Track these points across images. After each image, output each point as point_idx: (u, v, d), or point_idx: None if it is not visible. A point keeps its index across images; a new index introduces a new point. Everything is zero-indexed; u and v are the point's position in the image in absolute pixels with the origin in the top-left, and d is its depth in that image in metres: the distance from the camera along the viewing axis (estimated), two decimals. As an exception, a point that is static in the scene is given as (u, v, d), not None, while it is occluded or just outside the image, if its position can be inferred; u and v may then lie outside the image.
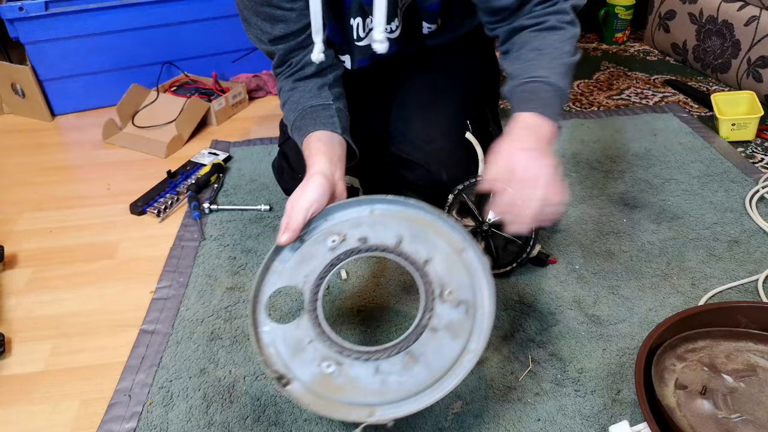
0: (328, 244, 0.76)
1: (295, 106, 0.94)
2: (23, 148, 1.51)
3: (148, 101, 1.57)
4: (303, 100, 0.94)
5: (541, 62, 0.82)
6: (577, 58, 0.84)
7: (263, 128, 1.54)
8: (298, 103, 0.94)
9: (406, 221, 0.77)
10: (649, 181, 1.24)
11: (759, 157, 1.32)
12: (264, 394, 0.81)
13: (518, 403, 0.78)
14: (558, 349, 0.86)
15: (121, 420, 0.78)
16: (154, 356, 0.88)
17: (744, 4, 1.55)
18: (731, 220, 1.11)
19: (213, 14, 1.65)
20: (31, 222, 1.21)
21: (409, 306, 0.95)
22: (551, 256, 1.02)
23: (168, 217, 1.20)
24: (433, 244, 0.74)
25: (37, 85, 1.58)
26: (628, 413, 0.76)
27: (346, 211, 0.80)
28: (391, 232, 0.76)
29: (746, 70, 1.56)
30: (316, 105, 0.93)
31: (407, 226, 0.76)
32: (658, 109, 1.55)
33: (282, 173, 1.14)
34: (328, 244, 0.76)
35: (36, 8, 1.49)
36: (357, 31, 0.98)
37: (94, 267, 1.08)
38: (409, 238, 0.75)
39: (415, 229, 0.76)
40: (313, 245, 0.77)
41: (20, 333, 0.94)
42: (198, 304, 0.97)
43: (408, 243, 0.74)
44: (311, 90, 0.95)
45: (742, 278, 0.97)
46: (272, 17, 0.91)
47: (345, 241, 0.76)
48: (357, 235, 0.76)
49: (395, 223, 0.77)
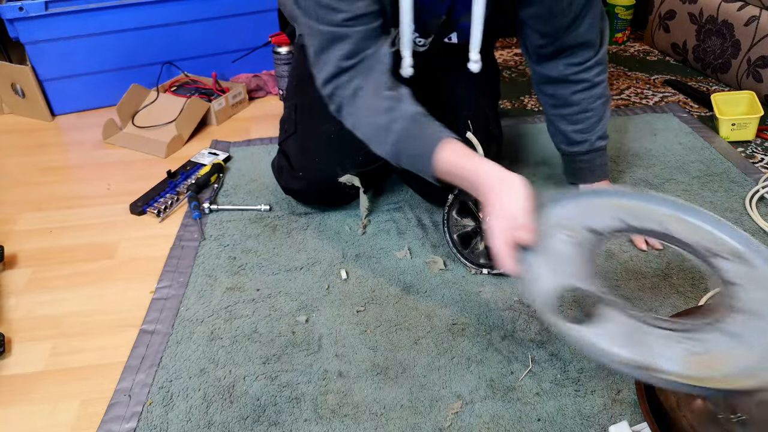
0: (565, 239, 0.70)
1: (397, 115, 0.85)
2: (23, 148, 1.50)
3: (148, 101, 1.57)
4: (404, 107, 0.86)
5: (589, 130, 1.05)
6: (610, 101, 1.08)
7: (263, 128, 1.54)
8: (403, 112, 0.85)
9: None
10: (649, 181, 1.24)
11: (759, 157, 1.32)
12: (264, 394, 0.81)
13: (518, 403, 0.78)
14: (558, 349, 0.86)
15: (121, 420, 0.78)
16: (154, 356, 0.88)
17: (744, 4, 1.55)
18: (731, 220, 1.11)
19: (213, 14, 1.65)
20: (31, 222, 1.21)
21: (409, 306, 0.95)
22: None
23: (168, 217, 1.20)
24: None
25: (37, 85, 1.58)
26: (628, 413, 0.76)
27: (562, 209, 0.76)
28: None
29: (746, 70, 1.56)
30: (421, 113, 0.86)
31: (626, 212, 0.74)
32: (658, 109, 1.55)
33: (281, 172, 1.14)
34: (565, 239, 0.70)
35: (36, 8, 1.49)
36: (392, 41, 0.98)
37: (94, 267, 1.08)
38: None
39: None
40: (554, 244, 0.71)
41: (20, 333, 0.94)
42: (198, 304, 0.97)
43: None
44: (408, 98, 0.87)
45: (742, 278, 0.97)
46: (337, 7, 0.82)
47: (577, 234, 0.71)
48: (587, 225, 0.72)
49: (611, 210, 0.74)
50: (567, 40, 0.98)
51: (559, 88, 1.04)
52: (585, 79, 1.01)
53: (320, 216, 1.16)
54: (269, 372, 0.84)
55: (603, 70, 1.03)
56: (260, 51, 1.74)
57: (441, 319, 0.92)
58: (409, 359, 0.85)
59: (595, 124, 1.05)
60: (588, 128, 1.05)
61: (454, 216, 1.00)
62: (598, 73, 1.02)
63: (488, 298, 0.96)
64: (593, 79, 1.01)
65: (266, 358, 0.86)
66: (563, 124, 1.07)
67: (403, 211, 1.17)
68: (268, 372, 0.84)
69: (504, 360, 0.85)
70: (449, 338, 0.89)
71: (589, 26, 0.97)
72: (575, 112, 1.04)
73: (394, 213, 1.16)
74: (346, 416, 0.77)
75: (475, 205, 0.98)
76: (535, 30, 0.99)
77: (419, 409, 0.78)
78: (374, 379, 0.82)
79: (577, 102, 1.03)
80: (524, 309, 0.93)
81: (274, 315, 0.94)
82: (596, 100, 1.03)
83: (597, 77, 1.02)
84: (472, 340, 0.88)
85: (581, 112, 1.04)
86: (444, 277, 1.00)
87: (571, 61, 1.00)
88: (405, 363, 0.85)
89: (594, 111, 1.04)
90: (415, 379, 0.82)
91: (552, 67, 1.03)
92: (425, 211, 1.17)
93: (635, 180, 1.24)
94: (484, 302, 0.95)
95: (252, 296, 0.98)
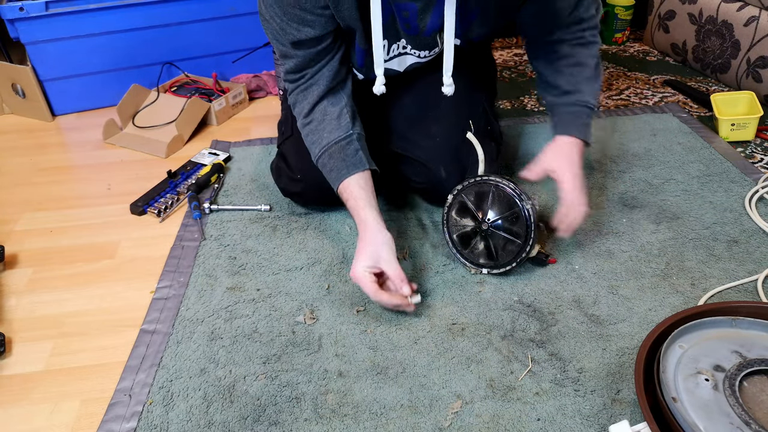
0: (700, 384, 0.72)
1: (317, 138, 0.99)
2: (23, 148, 1.51)
3: (149, 101, 1.57)
4: (325, 134, 0.98)
5: (580, 83, 1.03)
6: (601, 68, 1.07)
7: (263, 128, 1.55)
8: (321, 138, 0.98)
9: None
10: (649, 181, 1.24)
11: (758, 157, 1.32)
12: (264, 394, 0.81)
13: (518, 402, 0.78)
14: (558, 349, 0.86)
15: (121, 420, 0.78)
16: (155, 356, 0.88)
17: (744, 4, 1.55)
18: (731, 220, 1.11)
19: (213, 14, 1.65)
20: (31, 222, 1.22)
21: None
22: (551, 256, 1.03)
23: (168, 217, 1.20)
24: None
25: (37, 85, 1.58)
26: (628, 413, 0.77)
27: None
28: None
29: (746, 70, 1.56)
30: (340, 139, 0.98)
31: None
32: (658, 109, 1.55)
33: (280, 174, 1.14)
34: (701, 383, 0.72)
35: (36, 8, 1.49)
36: (385, 53, 1.00)
37: (95, 267, 1.08)
38: None
39: None
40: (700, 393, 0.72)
41: (20, 333, 0.94)
42: (198, 304, 0.97)
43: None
44: (330, 122, 0.98)
45: (742, 278, 0.97)
46: (300, 20, 0.91)
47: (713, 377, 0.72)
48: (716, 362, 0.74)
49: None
50: (564, 22, 1.00)
51: (555, 45, 1.04)
52: (580, 36, 1.02)
53: (320, 216, 1.16)
54: (269, 372, 0.84)
55: (597, 32, 1.04)
56: (260, 51, 1.74)
57: (441, 319, 0.92)
58: (409, 359, 0.86)
59: (588, 80, 1.04)
60: (580, 81, 1.03)
61: (454, 216, 1.00)
62: (593, 35, 1.03)
63: (488, 298, 0.96)
64: (588, 37, 1.03)
65: (266, 357, 0.86)
66: (557, 77, 1.05)
67: (403, 211, 1.17)
68: (268, 372, 0.84)
69: (504, 360, 0.85)
70: (449, 338, 0.89)
71: (586, 7, 0.99)
72: (570, 64, 1.03)
73: (394, 213, 1.17)
74: (346, 416, 0.78)
75: (474, 206, 0.98)
76: (534, 24, 1.01)
77: (419, 409, 0.78)
78: (374, 379, 0.83)
79: (573, 54, 1.03)
80: (524, 309, 0.93)
81: (274, 315, 0.94)
82: (591, 58, 1.03)
83: (592, 37, 1.03)
84: (471, 340, 0.88)
85: (576, 65, 1.03)
86: (444, 277, 1.00)
87: (569, 29, 1.02)
88: (405, 363, 0.85)
89: (588, 66, 1.03)
90: (414, 378, 0.82)
91: (548, 36, 1.04)
92: (425, 211, 1.17)
93: (635, 180, 1.24)
94: (484, 302, 0.95)
95: (252, 296, 0.98)
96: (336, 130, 0.98)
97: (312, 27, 0.92)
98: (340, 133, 0.98)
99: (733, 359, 0.74)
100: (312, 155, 1.01)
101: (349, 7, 0.90)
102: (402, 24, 0.95)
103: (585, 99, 1.03)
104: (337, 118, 0.98)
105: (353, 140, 0.98)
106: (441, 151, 1.07)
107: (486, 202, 0.97)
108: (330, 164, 0.98)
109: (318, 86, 0.98)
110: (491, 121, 1.15)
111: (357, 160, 0.97)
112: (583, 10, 0.99)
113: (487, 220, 0.97)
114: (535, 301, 0.95)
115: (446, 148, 1.07)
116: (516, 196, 0.94)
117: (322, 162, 0.99)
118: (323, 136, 0.98)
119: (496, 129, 1.16)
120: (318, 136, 0.99)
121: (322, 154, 0.99)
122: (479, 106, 1.13)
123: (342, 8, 0.91)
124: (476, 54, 1.15)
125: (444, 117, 1.07)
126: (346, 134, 0.98)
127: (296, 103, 1.01)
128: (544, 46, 1.05)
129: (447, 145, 1.07)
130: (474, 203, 0.98)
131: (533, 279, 0.99)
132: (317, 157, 1.00)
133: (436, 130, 1.08)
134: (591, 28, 1.02)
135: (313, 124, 0.99)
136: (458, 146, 1.06)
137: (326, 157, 0.98)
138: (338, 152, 0.97)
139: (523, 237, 0.94)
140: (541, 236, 0.98)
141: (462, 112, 1.09)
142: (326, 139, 0.98)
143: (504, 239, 0.96)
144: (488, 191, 0.96)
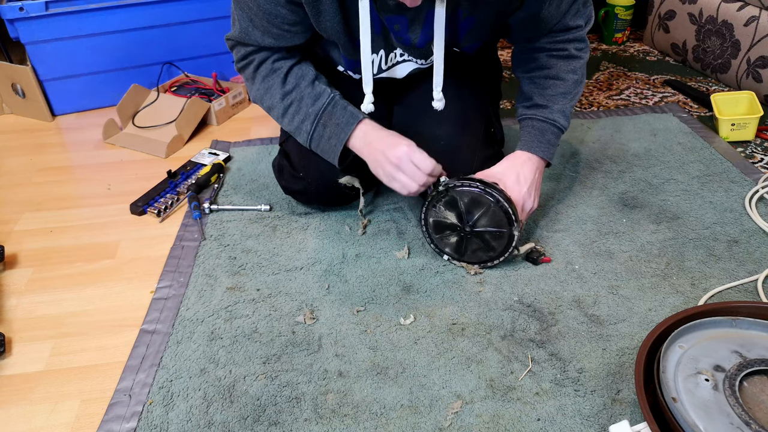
0: (700, 384, 0.72)
1: (300, 113, 0.98)
2: (23, 148, 1.51)
3: (149, 101, 1.57)
4: (305, 106, 0.98)
5: (554, 97, 1.01)
6: (582, 86, 1.04)
7: (263, 128, 1.55)
8: (307, 112, 0.98)
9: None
10: (649, 181, 1.24)
11: (758, 157, 1.32)
12: (264, 394, 0.81)
13: (518, 403, 0.78)
14: (558, 349, 0.86)
15: (121, 420, 0.78)
16: (155, 356, 0.88)
17: (744, 4, 1.55)
18: (731, 220, 1.11)
19: (213, 14, 1.65)
20: (31, 222, 1.22)
21: (409, 306, 0.95)
22: (545, 254, 1.03)
23: (168, 217, 1.20)
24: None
25: (37, 85, 1.58)
26: (628, 413, 0.77)
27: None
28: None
29: (746, 70, 1.56)
30: (326, 104, 0.97)
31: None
32: (658, 109, 1.55)
33: (282, 172, 1.14)
34: (701, 383, 0.72)
35: (36, 8, 1.49)
36: (379, 65, 1.01)
37: (95, 267, 1.08)
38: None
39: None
40: (700, 393, 0.72)
41: (20, 333, 0.94)
42: (198, 304, 0.97)
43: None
44: (308, 92, 0.98)
45: (742, 278, 0.97)
46: (268, 32, 0.94)
47: (713, 377, 0.73)
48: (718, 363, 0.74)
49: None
50: (549, 28, 0.99)
51: (535, 53, 1.02)
52: (563, 48, 1.00)
53: (320, 216, 1.16)
54: (269, 372, 0.84)
55: (583, 47, 1.02)
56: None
57: (441, 319, 0.92)
58: (409, 359, 0.86)
59: (561, 96, 1.01)
60: (554, 96, 1.01)
61: (440, 206, 0.99)
62: (577, 48, 1.01)
63: (488, 298, 0.96)
64: (572, 50, 1.00)
65: (266, 357, 0.86)
66: (531, 88, 1.03)
67: (403, 211, 1.17)
68: (268, 372, 0.84)
69: (504, 360, 0.85)
70: (449, 338, 0.89)
71: (574, 15, 0.98)
72: (546, 76, 1.02)
73: (394, 213, 1.17)
74: (346, 416, 0.78)
75: (465, 209, 0.97)
76: (519, 29, 0.99)
77: (419, 409, 0.78)
78: (374, 379, 0.83)
79: (550, 66, 1.01)
80: (524, 309, 0.93)
81: (274, 315, 0.94)
82: (570, 73, 1.01)
83: (576, 51, 1.01)
84: (471, 340, 0.88)
85: (552, 77, 1.01)
86: (444, 277, 1.00)
87: (553, 38, 1.01)
88: (405, 363, 0.85)
89: (564, 81, 1.01)
90: (414, 378, 0.82)
91: (530, 42, 1.03)
92: (425, 211, 1.17)
93: (635, 180, 1.24)
94: (484, 302, 0.95)
95: (252, 296, 0.98)
96: (317, 100, 0.98)
97: (276, 39, 0.94)
98: (325, 100, 0.97)
99: (733, 359, 0.74)
100: (303, 134, 1.00)
101: (331, 20, 0.90)
102: (394, 36, 0.95)
103: (553, 117, 1.01)
104: (311, 85, 0.99)
105: (337, 101, 0.98)
106: (444, 152, 1.07)
107: (478, 211, 0.96)
108: (326, 133, 0.97)
109: (275, 67, 0.99)
110: (494, 125, 1.15)
111: (349, 115, 0.97)
112: (570, 18, 0.97)
113: (471, 226, 0.97)
114: (535, 301, 0.95)
115: (450, 149, 1.07)
116: (509, 220, 0.94)
117: (317, 134, 0.98)
118: (309, 111, 0.98)
119: (498, 133, 1.16)
120: (303, 114, 0.99)
121: (316, 126, 0.98)
122: (484, 109, 1.13)
123: (324, 20, 0.90)
124: (482, 56, 1.15)
125: (448, 117, 1.07)
126: (329, 100, 0.97)
127: (255, 78, 1.01)
128: (524, 53, 1.04)
129: (451, 147, 1.07)
130: (466, 207, 0.97)
131: (533, 279, 0.99)
132: (309, 135, 0.99)
133: (441, 132, 1.08)
134: (576, 41, 1.00)
135: (295, 93, 0.99)
136: (462, 149, 1.07)
137: (320, 129, 0.98)
138: (329, 118, 0.97)
139: (498, 252, 0.98)
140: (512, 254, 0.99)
141: (467, 115, 1.09)
142: (313, 114, 0.98)
143: (478, 245, 0.99)
144: (486, 204, 0.95)
